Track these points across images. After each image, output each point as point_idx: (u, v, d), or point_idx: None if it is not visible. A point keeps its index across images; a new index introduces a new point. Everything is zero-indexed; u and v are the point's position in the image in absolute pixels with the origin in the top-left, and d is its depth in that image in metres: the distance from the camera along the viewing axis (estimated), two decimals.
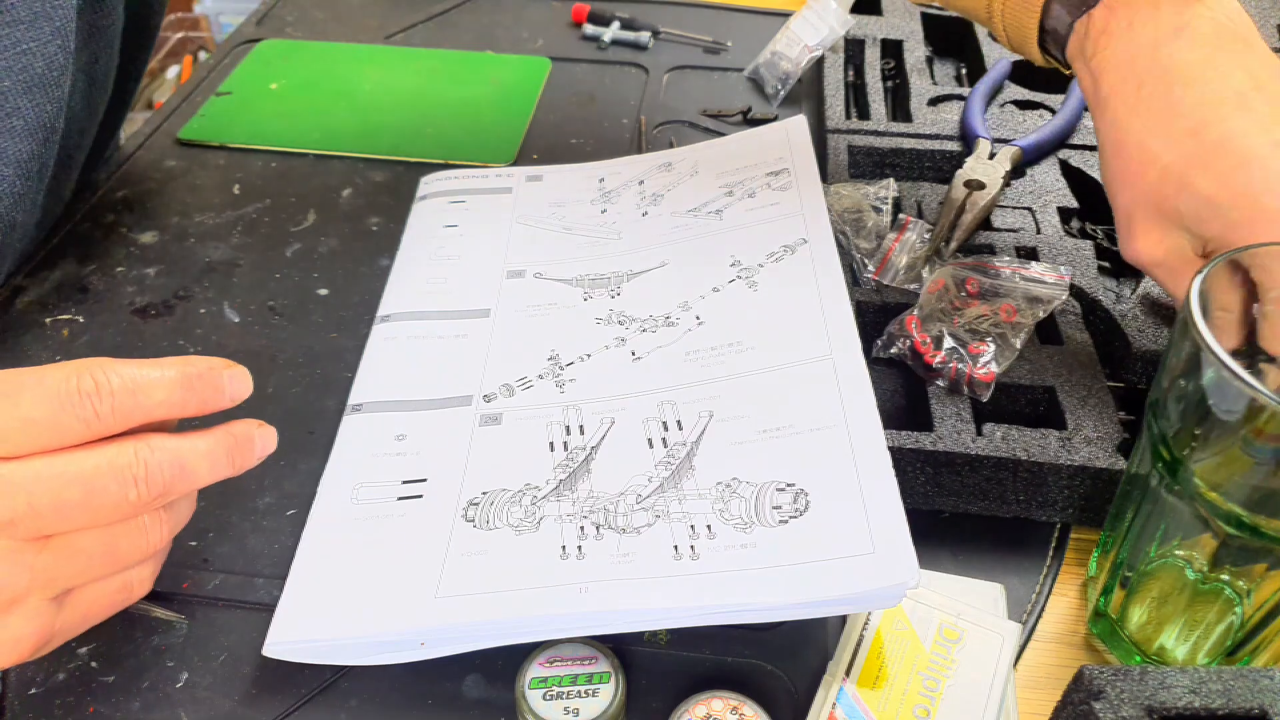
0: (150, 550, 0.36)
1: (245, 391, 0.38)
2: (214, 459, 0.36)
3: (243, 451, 0.38)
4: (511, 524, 0.42)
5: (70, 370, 0.33)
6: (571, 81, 0.79)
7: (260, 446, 0.39)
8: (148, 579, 0.38)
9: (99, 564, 0.35)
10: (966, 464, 0.45)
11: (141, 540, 0.35)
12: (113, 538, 0.35)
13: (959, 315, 0.51)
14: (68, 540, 0.34)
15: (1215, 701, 0.31)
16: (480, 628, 0.39)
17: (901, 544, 0.38)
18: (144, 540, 0.36)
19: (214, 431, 0.37)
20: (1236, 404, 0.33)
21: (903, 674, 0.39)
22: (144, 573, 0.38)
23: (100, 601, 0.36)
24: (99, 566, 0.35)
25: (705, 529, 0.41)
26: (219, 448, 0.36)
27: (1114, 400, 0.48)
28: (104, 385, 0.33)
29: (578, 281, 0.55)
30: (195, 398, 0.36)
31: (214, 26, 1.57)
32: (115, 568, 0.36)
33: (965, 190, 0.59)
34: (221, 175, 0.68)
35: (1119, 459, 0.45)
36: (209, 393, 0.36)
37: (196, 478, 0.36)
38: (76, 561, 0.34)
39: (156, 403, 0.35)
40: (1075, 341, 0.51)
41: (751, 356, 0.48)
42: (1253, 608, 0.38)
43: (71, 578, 0.34)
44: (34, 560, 0.33)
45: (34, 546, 0.33)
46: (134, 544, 0.35)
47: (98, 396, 0.33)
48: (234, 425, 0.38)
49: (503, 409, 0.48)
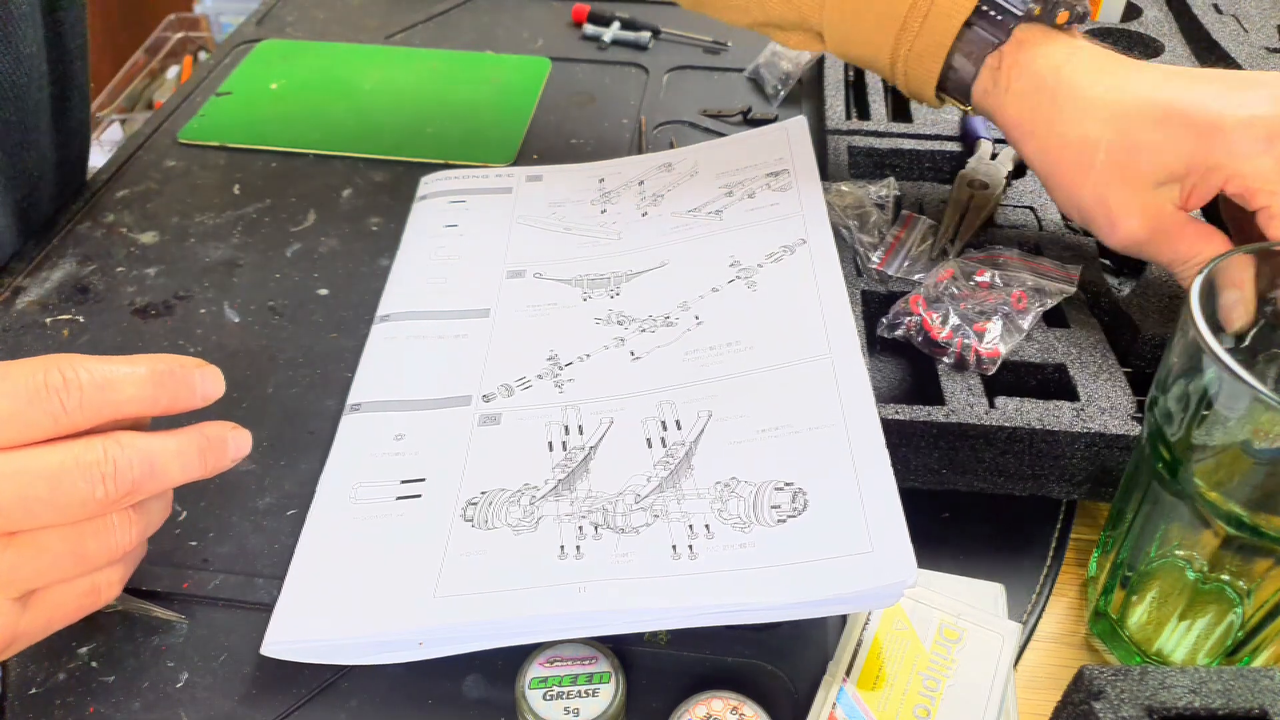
0: (119, 551, 0.35)
1: (217, 391, 0.37)
2: (185, 458, 0.36)
3: (215, 452, 0.37)
4: (510, 524, 0.42)
5: (38, 365, 0.33)
6: (571, 81, 0.79)
7: (234, 448, 0.38)
8: (116, 582, 0.37)
9: (66, 564, 0.34)
10: (980, 435, 0.45)
11: (110, 540, 0.35)
12: (80, 536, 0.34)
13: (964, 301, 0.51)
14: (33, 538, 0.33)
15: (1215, 701, 0.31)
16: (478, 627, 0.39)
17: (899, 543, 0.38)
18: (112, 540, 0.35)
19: (186, 431, 0.36)
20: (1237, 403, 0.33)
21: (903, 674, 0.39)
22: (113, 575, 0.37)
23: (67, 604, 0.36)
24: (66, 566, 0.34)
25: (704, 529, 0.41)
26: (190, 447, 0.36)
27: (1124, 376, 0.47)
28: (72, 380, 0.33)
29: (577, 281, 0.55)
30: (165, 394, 0.35)
31: (214, 26, 1.57)
32: (82, 568, 0.35)
33: (969, 191, 0.59)
34: (221, 175, 0.68)
35: (1134, 426, 0.44)
36: (180, 390, 0.36)
37: (167, 477, 0.35)
38: (42, 560, 0.33)
39: (126, 399, 0.34)
40: (1084, 324, 0.51)
41: (750, 356, 0.48)
42: (1253, 608, 0.38)
43: (36, 577, 0.34)
44: None
45: None
46: (102, 544, 0.34)
47: (65, 391, 0.33)
48: (206, 426, 0.37)
49: (502, 409, 0.48)
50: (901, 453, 0.46)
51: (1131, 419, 0.45)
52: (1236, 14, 0.76)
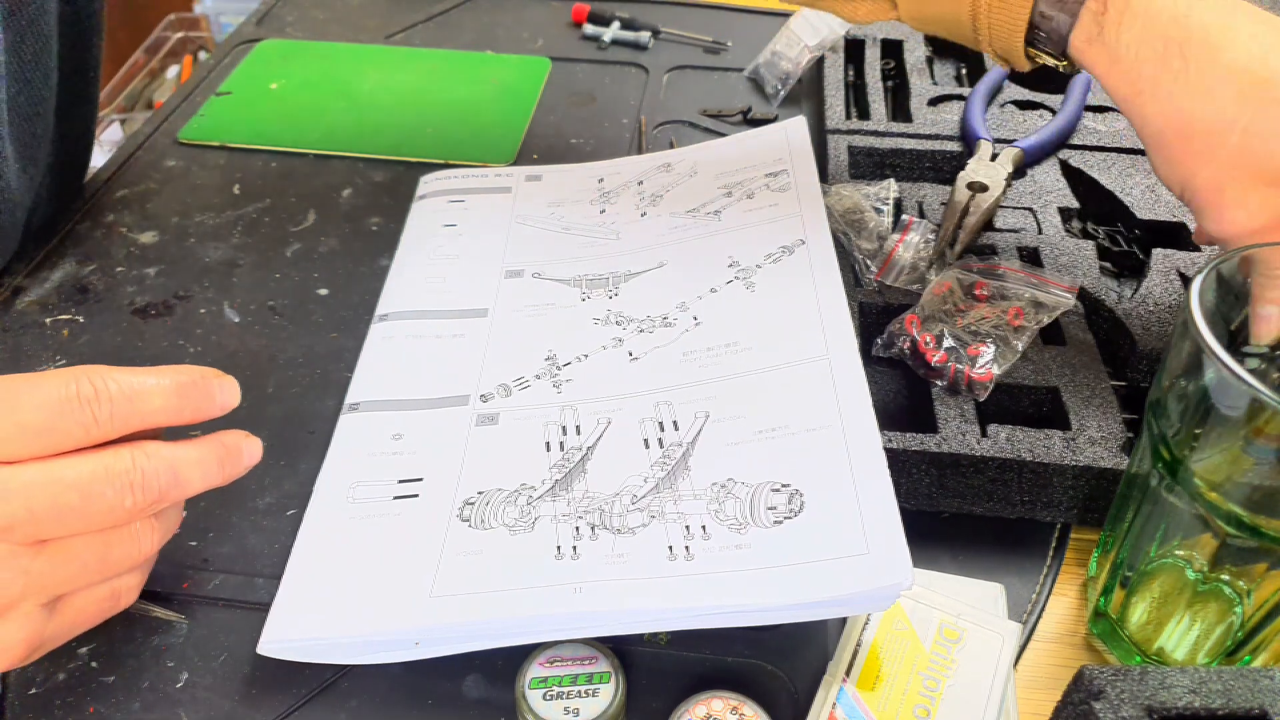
0: (140, 558, 0.36)
1: (234, 400, 0.38)
2: (205, 467, 0.37)
3: (232, 460, 0.38)
4: (506, 524, 0.42)
5: (69, 376, 0.33)
6: (571, 81, 0.79)
7: (248, 456, 0.39)
8: (135, 588, 0.38)
9: (92, 570, 0.35)
10: (971, 465, 0.45)
11: (134, 547, 0.36)
12: (106, 544, 0.35)
13: (961, 316, 0.51)
14: (62, 545, 0.34)
15: (1215, 701, 0.31)
16: (474, 628, 0.39)
17: (896, 545, 0.38)
18: (136, 547, 0.36)
19: (206, 440, 0.37)
20: (1237, 404, 0.33)
21: (903, 674, 0.39)
22: (131, 581, 0.38)
23: (89, 609, 0.37)
24: (92, 573, 0.35)
25: (700, 529, 0.40)
26: (210, 456, 0.37)
27: (1117, 400, 0.48)
28: (102, 391, 0.33)
29: (576, 281, 0.55)
30: (190, 405, 0.36)
31: (214, 26, 1.57)
32: (107, 574, 0.36)
33: (968, 193, 0.59)
34: (221, 175, 0.68)
35: (1123, 459, 0.45)
36: (202, 401, 0.37)
37: (189, 485, 0.36)
38: (70, 567, 0.34)
39: (154, 409, 0.35)
40: (1078, 342, 0.51)
41: (748, 357, 0.48)
42: (1253, 608, 0.38)
43: (65, 583, 0.35)
44: (29, 565, 0.33)
45: (30, 551, 0.33)
46: (126, 551, 0.35)
47: (96, 402, 0.33)
48: (224, 435, 0.38)
49: (499, 409, 0.48)
50: (893, 477, 0.46)
51: (1121, 451, 0.45)
52: None
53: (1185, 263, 0.55)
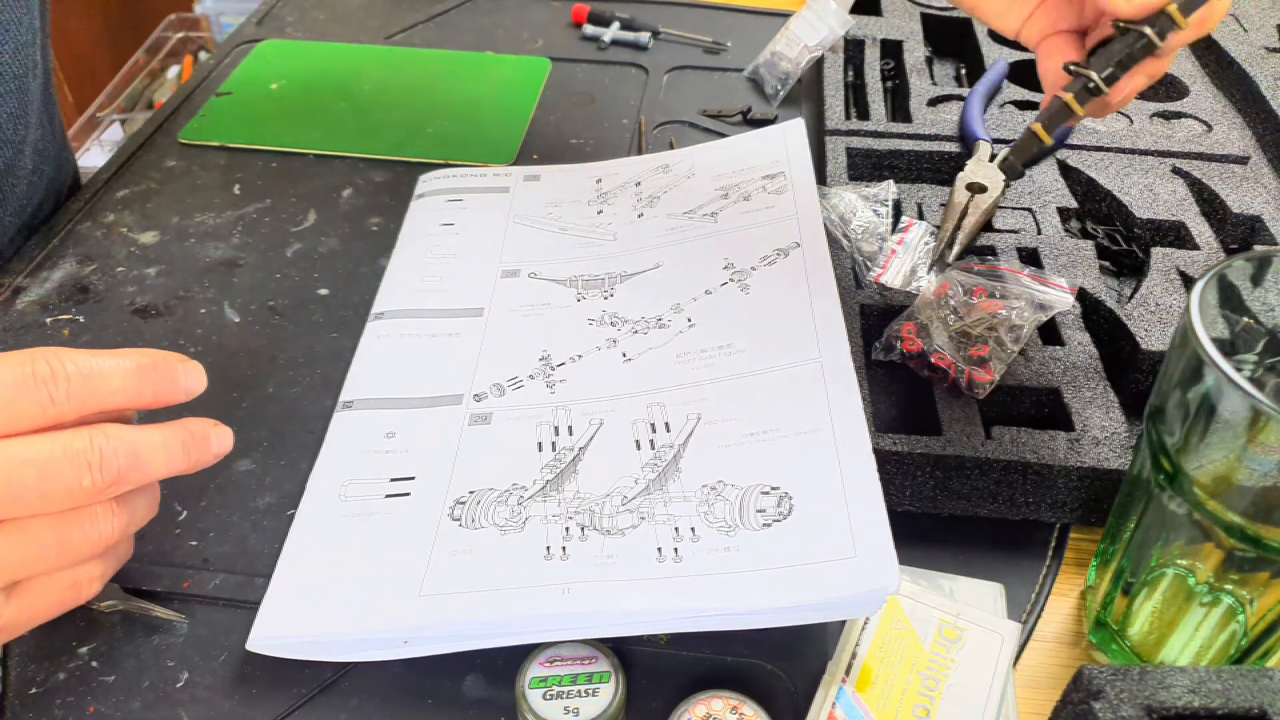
0: (102, 544, 0.35)
1: (199, 385, 0.38)
2: (169, 451, 0.36)
3: (198, 446, 0.37)
4: (497, 524, 0.42)
5: (26, 356, 0.33)
6: (571, 81, 0.79)
7: (216, 444, 0.38)
8: (98, 579, 0.37)
9: (51, 554, 0.34)
10: (976, 467, 0.45)
11: (94, 531, 0.35)
12: (65, 526, 0.34)
13: (959, 319, 0.51)
14: (20, 526, 0.33)
15: (1215, 701, 0.31)
16: (463, 627, 0.39)
17: (883, 549, 0.38)
18: (96, 532, 0.35)
19: (170, 425, 0.37)
20: (1237, 413, 0.33)
21: (902, 673, 0.39)
22: (94, 571, 0.37)
23: (48, 597, 0.36)
24: (51, 557, 0.34)
25: (689, 531, 0.41)
26: (174, 440, 0.36)
27: (1118, 400, 0.48)
28: (59, 371, 0.33)
29: (571, 282, 0.55)
30: (150, 387, 0.36)
31: (214, 26, 1.57)
32: (66, 560, 0.35)
33: (967, 194, 0.59)
34: (221, 175, 0.68)
35: (1127, 458, 0.45)
36: (164, 384, 0.36)
37: (151, 468, 0.35)
38: (28, 550, 0.34)
39: (112, 390, 0.35)
40: (1076, 342, 0.51)
41: (741, 359, 0.48)
42: (1255, 617, 0.38)
43: (22, 566, 0.34)
44: None
45: None
46: (86, 535, 0.35)
47: (54, 382, 0.33)
48: (190, 421, 0.38)
49: (493, 408, 0.48)
50: (897, 480, 0.46)
51: (1125, 449, 0.45)
52: (1236, 14, 0.76)
53: (1185, 262, 0.55)
